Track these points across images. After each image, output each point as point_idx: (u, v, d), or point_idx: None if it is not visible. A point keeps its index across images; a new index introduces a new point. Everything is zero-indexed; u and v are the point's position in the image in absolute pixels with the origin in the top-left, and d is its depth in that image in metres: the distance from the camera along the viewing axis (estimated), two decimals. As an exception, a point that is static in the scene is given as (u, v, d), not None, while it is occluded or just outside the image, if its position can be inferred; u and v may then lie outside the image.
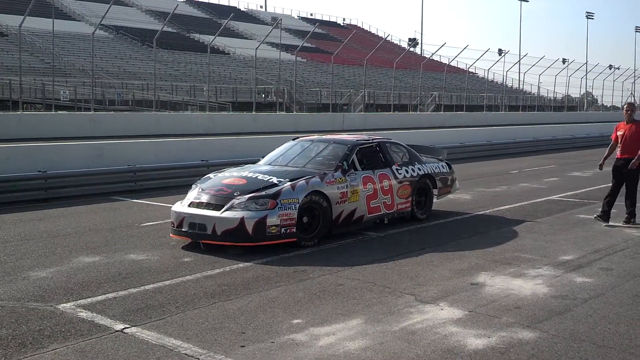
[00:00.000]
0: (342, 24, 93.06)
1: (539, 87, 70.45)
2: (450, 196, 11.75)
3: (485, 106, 59.20)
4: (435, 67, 65.93)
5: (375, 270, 7.30)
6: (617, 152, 9.90)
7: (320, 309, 5.92)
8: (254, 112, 37.53)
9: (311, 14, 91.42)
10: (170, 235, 8.63)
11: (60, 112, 31.32)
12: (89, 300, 6.15)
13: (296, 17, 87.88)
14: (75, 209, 11.50)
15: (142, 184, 13.86)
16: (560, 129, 32.36)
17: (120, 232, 9.37)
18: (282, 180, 8.51)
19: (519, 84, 71.27)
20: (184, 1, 75.93)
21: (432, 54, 58.79)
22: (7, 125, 24.09)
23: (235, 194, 8.26)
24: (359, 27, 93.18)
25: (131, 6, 68.36)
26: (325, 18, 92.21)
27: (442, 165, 11.19)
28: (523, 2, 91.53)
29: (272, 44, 55.99)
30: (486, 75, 68.48)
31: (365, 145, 9.88)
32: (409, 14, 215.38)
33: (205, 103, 39.05)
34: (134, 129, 26.29)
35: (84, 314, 5.75)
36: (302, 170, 9.08)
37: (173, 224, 8.50)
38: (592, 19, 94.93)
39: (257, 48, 40.38)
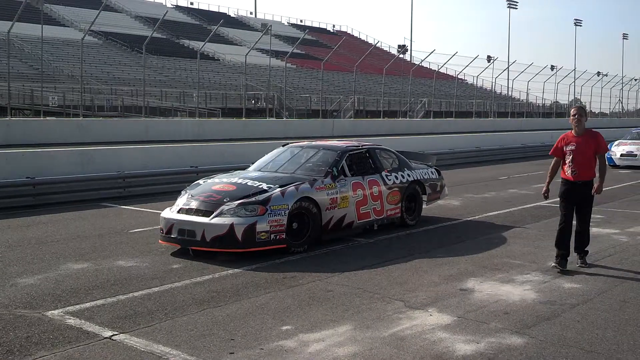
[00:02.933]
0: (332, 31, 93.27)
1: (527, 94, 70.89)
2: (439, 202, 11.80)
3: (474, 112, 59.48)
4: (424, 73, 66.17)
5: (365, 276, 7.31)
6: (567, 172, 7.66)
7: (309, 315, 5.91)
8: (243, 118, 37.52)
9: (301, 21, 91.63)
10: (160, 241, 8.59)
11: (48, 118, 31.22)
12: (77, 307, 6.12)
13: (286, 24, 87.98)
14: (64, 215, 11.44)
15: (132, 190, 13.81)
16: (548, 135, 32.51)
17: (109, 239, 9.33)
18: (272, 186, 8.51)
19: (508, 91, 71.68)
20: (173, 7, 75.90)
21: (422, 61, 59.10)
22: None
23: (224, 200, 8.24)
24: (349, 33, 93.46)
25: (120, 12, 68.23)
26: (315, 24, 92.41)
27: (431, 172, 11.20)
28: (512, 10, 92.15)
29: (262, 50, 56.04)
30: (475, 81, 68.91)
31: (355, 152, 9.91)
32: (398, 20, 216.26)
33: (195, 109, 38.99)
34: (123, 135, 26.21)
35: (72, 320, 5.72)
36: (292, 176, 9.07)
37: (162, 230, 8.47)
38: (580, 26, 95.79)
39: (247, 54, 40.38)
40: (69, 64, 45.65)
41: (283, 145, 10.51)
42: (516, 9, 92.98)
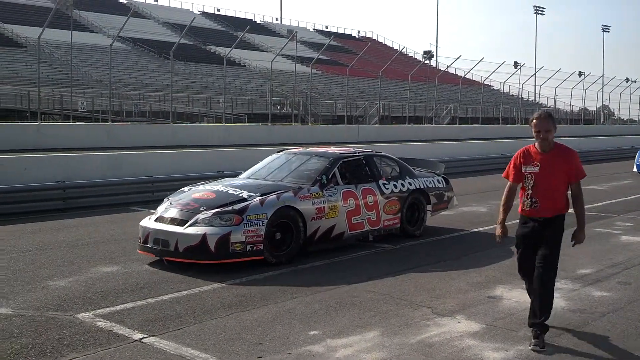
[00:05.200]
0: (357, 37, 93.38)
1: (555, 100, 70.18)
2: (464, 209, 11.73)
3: (501, 119, 59.06)
4: (450, 79, 65.92)
5: (391, 282, 7.30)
6: (525, 204, 5.52)
7: (336, 320, 5.92)
8: (269, 124, 37.70)
9: (326, 27, 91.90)
10: (138, 251, 8.32)
11: (78, 123, 31.66)
12: (108, 309, 6.20)
13: (311, 30, 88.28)
14: (93, 219, 11.60)
15: (159, 194, 13.85)
16: (576, 142, 32.14)
17: (138, 242, 9.42)
18: (253, 194, 8.16)
19: (535, 97, 71.11)
20: (200, 14, 76.60)
21: (448, 67, 58.83)
22: (26, 136, 24.35)
23: (201, 209, 7.91)
24: (374, 39, 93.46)
25: (148, 18, 69.06)
26: (341, 30, 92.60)
27: (437, 180, 10.66)
28: (539, 15, 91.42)
29: (287, 56, 56.28)
30: (502, 88, 68.36)
31: (349, 159, 9.46)
32: (424, 26, 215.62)
33: (221, 114, 39.29)
34: (151, 140, 26.48)
35: (102, 323, 5.80)
36: (277, 184, 8.70)
37: (140, 239, 8.22)
38: (609, 31, 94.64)
39: (272, 60, 40.62)
40: (98, 70, 46.30)
41: (278, 152, 10.18)
42: (543, 14, 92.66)
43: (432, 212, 10.46)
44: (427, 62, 73.99)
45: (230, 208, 7.85)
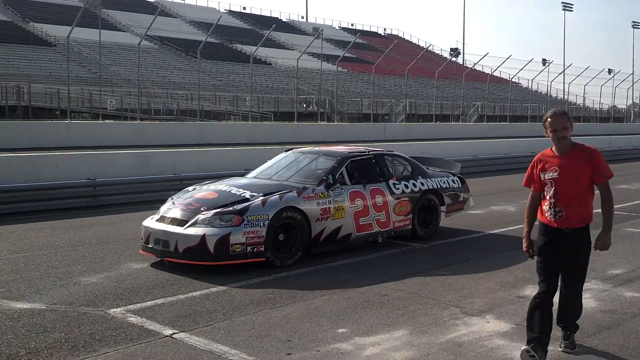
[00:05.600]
0: (383, 34, 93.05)
1: (584, 98, 69.37)
2: (494, 208, 11.65)
3: (529, 116, 58.44)
4: (477, 77, 65.40)
5: (420, 281, 7.28)
6: (547, 213, 4.95)
7: (364, 319, 5.93)
8: (295, 122, 37.77)
9: (352, 24, 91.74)
10: (140, 251, 8.20)
11: (107, 121, 32.03)
12: (138, 305, 6.29)
13: (337, 28, 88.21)
14: (123, 216, 11.75)
15: (187, 192, 14.05)
16: (606, 141, 31.73)
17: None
18: (255, 194, 7.98)
19: (564, 95, 70.24)
20: (226, 12, 77.00)
21: (475, 64, 58.31)
22: (56, 134, 24.73)
23: (202, 209, 7.79)
24: (400, 37, 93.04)
25: (175, 17, 69.59)
26: (366, 28, 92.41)
27: (452, 180, 10.33)
28: (567, 12, 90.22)
29: (313, 54, 56.33)
30: (530, 85, 67.66)
31: (357, 158, 9.20)
32: (450, 24, 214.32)
33: (248, 113, 39.47)
34: (178, 138, 26.73)
35: (133, 318, 5.88)
36: (281, 184, 8.51)
37: (142, 239, 8.12)
38: (639, 28, 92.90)
39: (298, 58, 40.70)
40: (126, 68, 46.79)
41: (286, 151, 10.00)
42: (571, 11, 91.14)
43: (447, 214, 10.16)
44: (454, 59, 73.53)
45: (231, 208, 7.69)
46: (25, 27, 51.77)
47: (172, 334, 5.49)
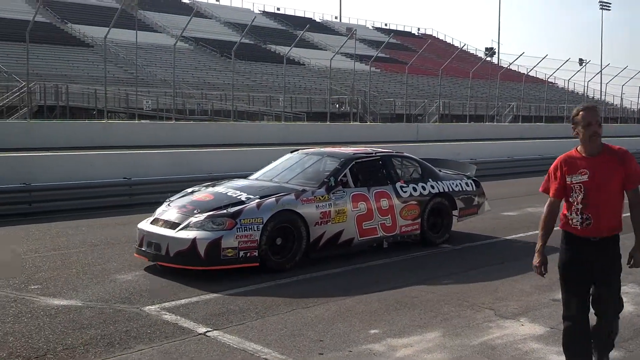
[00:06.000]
0: (416, 34, 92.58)
1: (621, 99, 67.89)
2: (529, 210, 11.50)
3: (565, 117, 57.49)
4: (513, 77, 64.63)
5: (452, 283, 7.24)
6: (574, 220, 4.36)
7: (397, 320, 5.92)
8: (328, 122, 37.80)
9: (386, 24, 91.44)
10: (134, 254, 8.00)
11: (142, 121, 32.46)
12: (173, 303, 6.37)
13: (370, 28, 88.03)
14: (157, 215, 11.87)
15: (221, 191, 14.18)
16: (644, 142, 31.08)
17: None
18: (252, 197, 7.72)
19: (601, 95, 68.92)
20: (260, 13, 77.41)
21: (510, 64, 57.56)
22: (93, 133, 25.16)
23: (195, 212, 7.56)
24: (434, 36, 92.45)
25: (210, 18, 70.21)
26: (400, 28, 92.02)
27: (466, 183, 9.88)
28: (604, 11, 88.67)
29: (346, 55, 56.30)
30: (566, 85, 66.55)
31: (363, 160, 8.92)
32: (485, 23, 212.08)
33: (281, 113, 39.63)
34: (212, 138, 26.94)
35: (168, 316, 5.96)
36: (281, 186, 8.26)
37: (137, 241, 7.93)
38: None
39: (331, 58, 40.68)
40: (162, 69, 47.36)
41: (292, 151, 9.74)
42: (609, 10, 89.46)
43: (459, 218, 9.77)
44: (488, 59, 72.77)
45: (225, 211, 7.44)
46: (63, 29, 52.77)
47: (206, 331, 5.55)
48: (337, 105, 48.40)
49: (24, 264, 7.92)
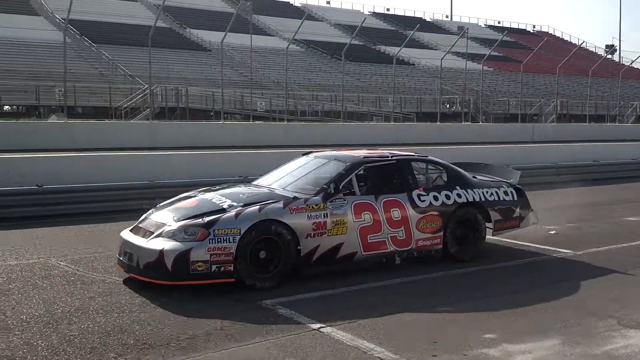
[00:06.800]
0: (531, 31, 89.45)
1: None
2: (630, 219, 10.75)
3: (695, 117, 53.68)
4: (636, 75, 61.10)
5: (572, 289, 6.96)
6: None
7: (513, 325, 5.78)
8: (438, 123, 37.33)
9: (499, 22, 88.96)
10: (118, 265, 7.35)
11: (257, 122, 33.44)
12: (289, 298, 6.54)
13: (483, 26, 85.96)
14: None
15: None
16: None
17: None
18: (235, 204, 7.01)
19: None
20: (370, 14, 77.52)
21: (632, 62, 54.48)
22: (211, 133, 26.26)
23: (173, 219, 6.99)
24: (550, 33, 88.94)
25: (321, 21, 71.14)
26: (514, 25, 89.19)
27: (505, 192, 8.63)
28: None
29: (457, 54, 55.29)
30: (697, 83, 62.12)
31: (373, 164, 7.98)
32: (605, 19, 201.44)
33: (390, 114, 39.55)
34: (322, 138, 27.33)
35: (283, 310, 6.13)
36: (272, 193, 7.49)
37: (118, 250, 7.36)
38: None
39: (442, 58, 40.15)
40: (275, 71, 48.53)
41: (303, 154, 8.78)
42: None
43: (495, 232, 8.62)
44: (609, 56, 69.17)
45: (199, 220, 6.77)
46: (182, 33, 55.27)
47: (320, 327, 5.66)
48: (448, 105, 47.68)
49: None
